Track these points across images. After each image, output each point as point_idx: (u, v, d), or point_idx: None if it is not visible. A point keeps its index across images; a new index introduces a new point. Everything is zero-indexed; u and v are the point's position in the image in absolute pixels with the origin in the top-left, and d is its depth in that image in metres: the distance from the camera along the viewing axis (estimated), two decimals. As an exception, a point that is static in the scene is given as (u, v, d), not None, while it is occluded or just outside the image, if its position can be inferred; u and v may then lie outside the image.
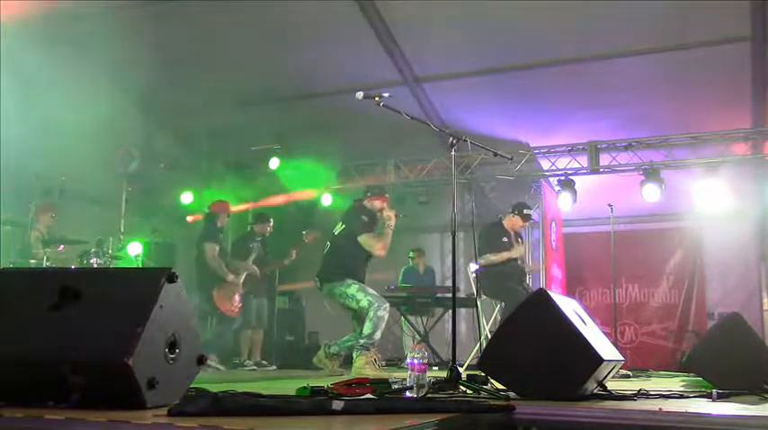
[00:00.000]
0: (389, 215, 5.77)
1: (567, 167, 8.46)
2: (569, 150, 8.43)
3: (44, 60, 5.73)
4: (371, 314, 5.47)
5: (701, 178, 8.00)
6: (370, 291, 5.63)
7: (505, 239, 7.01)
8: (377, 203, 5.90)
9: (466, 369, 5.62)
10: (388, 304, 5.60)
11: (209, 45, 6.98)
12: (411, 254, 9.04)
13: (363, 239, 5.64)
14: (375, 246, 5.64)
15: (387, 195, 6.06)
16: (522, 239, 7.48)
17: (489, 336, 5.89)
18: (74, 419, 1.96)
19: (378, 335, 5.50)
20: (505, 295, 6.82)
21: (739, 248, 8.99)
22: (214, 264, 7.27)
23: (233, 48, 7.12)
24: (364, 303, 5.49)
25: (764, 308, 8.98)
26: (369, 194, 6.00)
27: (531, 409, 2.48)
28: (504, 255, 6.90)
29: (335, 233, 5.87)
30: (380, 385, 2.90)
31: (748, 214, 8.81)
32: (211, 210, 7.77)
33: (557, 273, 8.75)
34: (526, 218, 7.24)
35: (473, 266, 7.18)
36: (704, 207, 8.24)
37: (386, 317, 5.51)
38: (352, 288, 5.56)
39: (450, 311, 4.45)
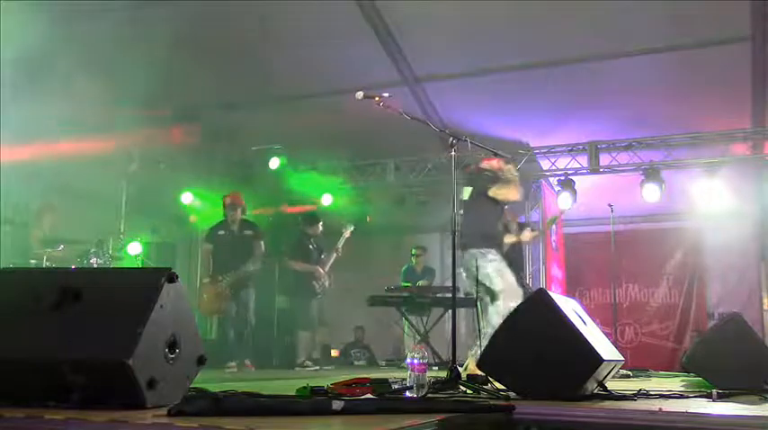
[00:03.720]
0: (509, 167, 5.68)
1: (567, 167, 8.46)
2: (569, 150, 8.43)
3: (44, 60, 5.73)
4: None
5: (700, 178, 8.00)
6: (510, 277, 5.39)
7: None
8: (494, 163, 5.70)
9: (465, 369, 5.62)
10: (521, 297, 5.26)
11: (208, 44, 6.98)
12: (414, 251, 9.04)
13: (494, 191, 5.49)
14: (510, 192, 5.53)
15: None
16: (518, 225, 7.36)
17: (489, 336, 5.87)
18: (74, 419, 1.96)
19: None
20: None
21: (739, 248, 8.99)
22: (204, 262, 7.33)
23: (233, 47, 7.12)
24: (497, 288, 5.27)
25: (764, 308, 8.99)
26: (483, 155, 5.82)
27: (531, 409, 2.48)
28: (514, 238, 6.80)
29: (465, 199, 5.67)
30: (380, 385, 2.90)
31: (748, 214, 8.82)
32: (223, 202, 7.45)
33: (557, 273, 8.76)
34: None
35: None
36: (704, 207, 8.25)
37: None
38: (492, 266, 5.34)
39: (450, 311, 4.44)
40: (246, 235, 7.25)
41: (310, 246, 7.89)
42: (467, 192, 5.69)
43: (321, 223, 8.05)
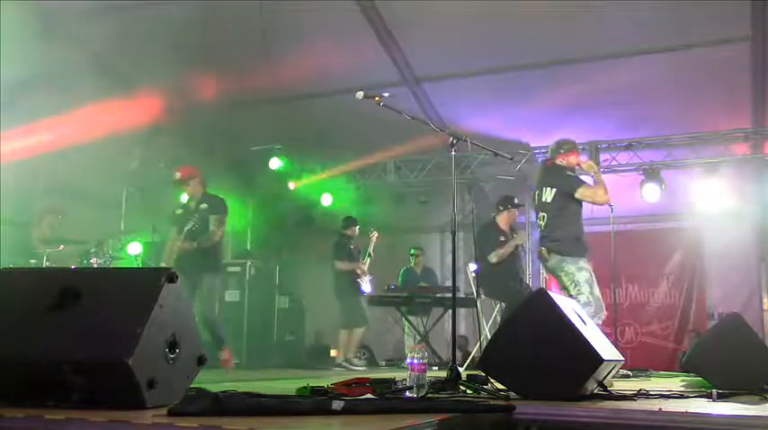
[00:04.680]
0: (591, 164, 5.51)
1: (568, 167, 8.45)
2: (569, 150, 8.42)
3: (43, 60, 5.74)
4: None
5: (700, 178, 8.00)
6: (597, 289, 5.19)
7: (502, 238, 7.04)
8: (572, 159, 5.49)
9: (466, 369, 5.62)
10: (604, 313, 5.17)
11: (208, 44, 6.98)
12: (413, 251, 9.04)
13: (582, 192, 5.24)
14: (597, 193, 5.26)
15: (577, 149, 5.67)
16: (517, 232, 7.47)
17: (489, 336, 5.89)
18: (74, 419, 1.96)
19: None
20: (505, 295, 6.83)
21: (739, 248, 8.98)
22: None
23: (232, 47, 7.12)
24: (586, 301, 5.03)
25: (764, 308, 8.99)
26: (561, 152, 5.53)
27: (531, 409, 2.48)
28: (512, 243, 7.00)
29: (546, 201, 5.42)
30: (380, 385, 2.90)
31: (748, 214, 8.81)
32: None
33: (557, 273, 8.74)
34: (518, 207, 7.34)
35: (473, 266, 7.18)
36: (704, 207, 8.24)
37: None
38: (583, 275, 5.17)
39: (450, 311, 4.44)
40: (202, 209, 6.40)
41: (350, 247, 8.25)
42: (549, 194, 5.42)
43: (358, 224, 8.36)
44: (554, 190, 5.36)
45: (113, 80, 6.96)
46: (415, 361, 2.90)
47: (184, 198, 6.71)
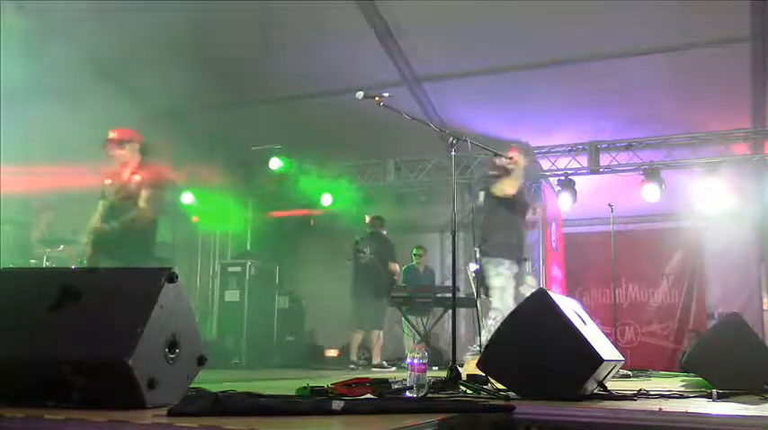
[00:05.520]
0: (518, 159, 5.57)
1: (567, 167, 8.46)
2: (569, 150, 8.43)
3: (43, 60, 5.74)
4: (489, 322, 5.31)
5: (700, 178, 8.00)
6: (509, 297, 5.41)
7: None
8: (503, 159, 5.57)
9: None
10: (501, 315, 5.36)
11: (208, 44, 6.98)
12: (415, 250, 9.05)
13: (497, 188, 5.55)
14: (504, 186, 5.52)
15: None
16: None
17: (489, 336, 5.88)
18: (74, 419, 1.96)
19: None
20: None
21: (739, 248, 8.99)
22: None
23: (232, 47, 7.12)
24: (494, 306, 5.38)
25: (764, 308, 8.99)
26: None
27: (531, 409, 2.47)
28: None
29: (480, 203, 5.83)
30: (380, 385, 2.89)
31: (748, 214, 8.81)
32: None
33: (557, 273, 8.75)
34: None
35: (473, 266, 7.17)
36: (704, 207, 8.24)
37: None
38: (498, 280, 5.44)
39: (450, 311, 4.44)
40: (134, 181, 5.10)
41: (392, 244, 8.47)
42: (481, 196, 5.73)
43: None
44: (483, 193, 5.72)
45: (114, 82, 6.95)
46: (415, 361, 2.90)
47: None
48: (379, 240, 8.34)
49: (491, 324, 5.27)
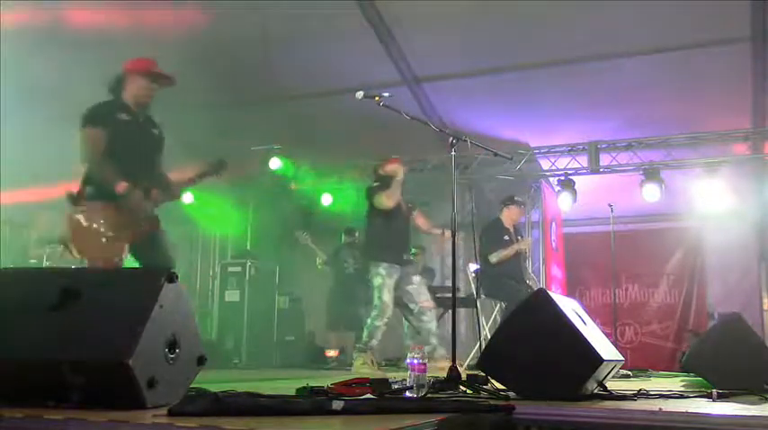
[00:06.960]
0: (393, 167, 6.17)
1: (567, 167, 8.46)
2: (569, 150, 8.43)
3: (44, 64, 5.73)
4: (369, 321, 5.82)
5: (700, 178, 8.00)
6: (386, 295, 5.92)
7: (507, 238, 7.04)
8: (388, 168, 6.27)
9: (466, 368, 5.62)
10: (387, 318, 5.92)
11: (208, 43, 6.97)
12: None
13: (376, 200, 6.07)
14: (382, 199, 6.03)
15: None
16: (523, 236, 7.51)
17: (489, 336, 5.89)
18: (74, 419, 1.96)
19: (374, 342, 5.85)
20: (505, 295, 6.83)
21: (739, 248, 8.99)
22: None
23: (233, 47, 7.11)
24: (374, 304, 5.86)
25: (764, 308, 8.99)
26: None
27: (531, 409, 2.47)
28: (515, 247, 6.99)
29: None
30: (380, 385, 2.89)
31: (748, 214, 8.81)
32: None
33: (557, 273, 8.75)
34: (520, 205, 7.39)
35: (473, 266, 7.18)
36: (704, 207, 8.24)
37: (382, 327, 5.91)
38: (376, 280, 5.92)
39: (450, 311, 4.44)
40: (154, 133, 4.50)
41: None
42: (366, 205, 6.30)
43: None
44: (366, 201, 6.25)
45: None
46: (415, 361, 2.90)
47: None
48: (357, 250, 8.38)
49: (369, 323, 6.00)
